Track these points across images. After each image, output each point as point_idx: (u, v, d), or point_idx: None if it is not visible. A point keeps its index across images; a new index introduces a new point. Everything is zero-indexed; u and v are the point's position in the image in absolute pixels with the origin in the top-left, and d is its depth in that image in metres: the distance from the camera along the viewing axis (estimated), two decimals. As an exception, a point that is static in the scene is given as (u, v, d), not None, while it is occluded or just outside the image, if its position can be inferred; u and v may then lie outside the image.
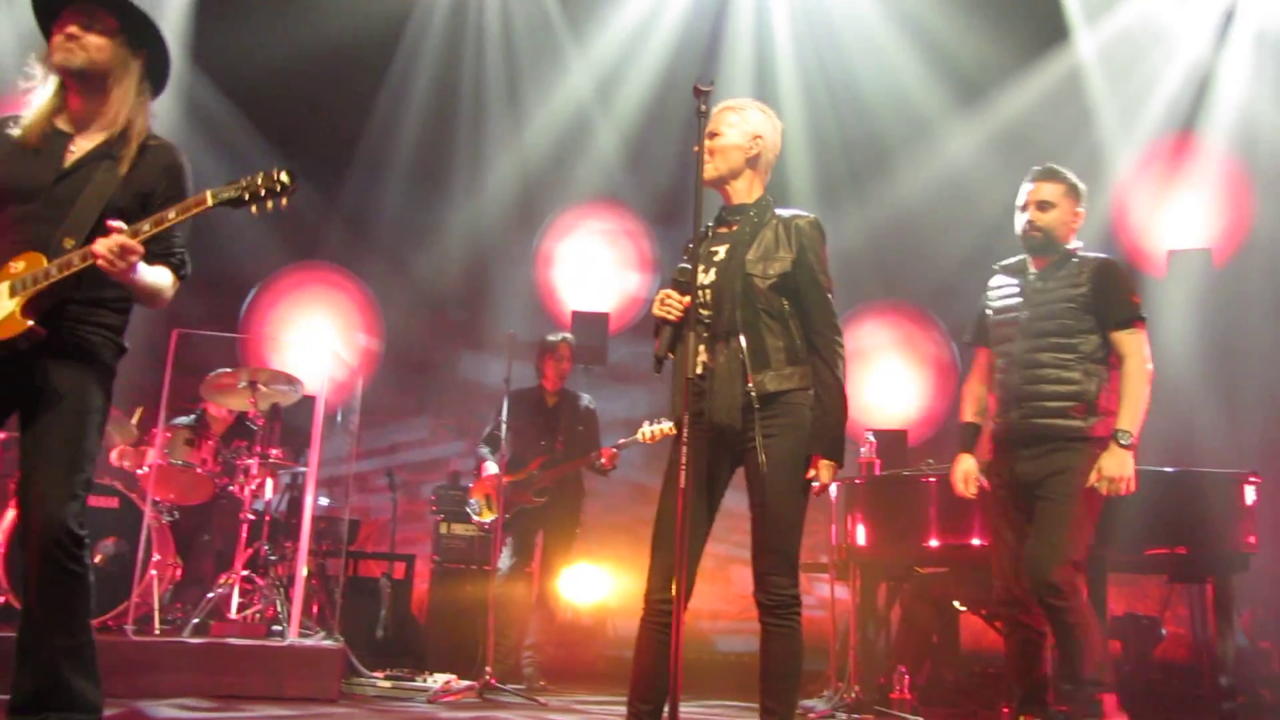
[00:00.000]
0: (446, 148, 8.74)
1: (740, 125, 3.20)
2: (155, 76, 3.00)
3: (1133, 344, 3.75)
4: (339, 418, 7.07)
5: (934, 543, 4.83)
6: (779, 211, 3.18)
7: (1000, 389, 3.92)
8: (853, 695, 5.00)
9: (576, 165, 8.97)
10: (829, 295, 3.14)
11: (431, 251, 9.07)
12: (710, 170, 3.17)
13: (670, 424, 5.62)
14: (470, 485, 6.25)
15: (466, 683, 5.31)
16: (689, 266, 3.01)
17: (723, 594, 8.76)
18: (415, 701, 4.92)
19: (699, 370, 3.01)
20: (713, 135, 3.18)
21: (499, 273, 9.25)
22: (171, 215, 2.73)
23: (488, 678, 5.20)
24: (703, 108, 2.98)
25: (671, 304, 3.02)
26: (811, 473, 3.02)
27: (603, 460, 5.74)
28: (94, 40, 2.84)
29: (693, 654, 7.82)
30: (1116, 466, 3.62)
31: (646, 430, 5.53)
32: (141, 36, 2.92)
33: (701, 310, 3.06)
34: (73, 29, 2.83)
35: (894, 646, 5.78)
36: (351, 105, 8.29)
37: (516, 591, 5.82)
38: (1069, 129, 7.98)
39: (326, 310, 8.96)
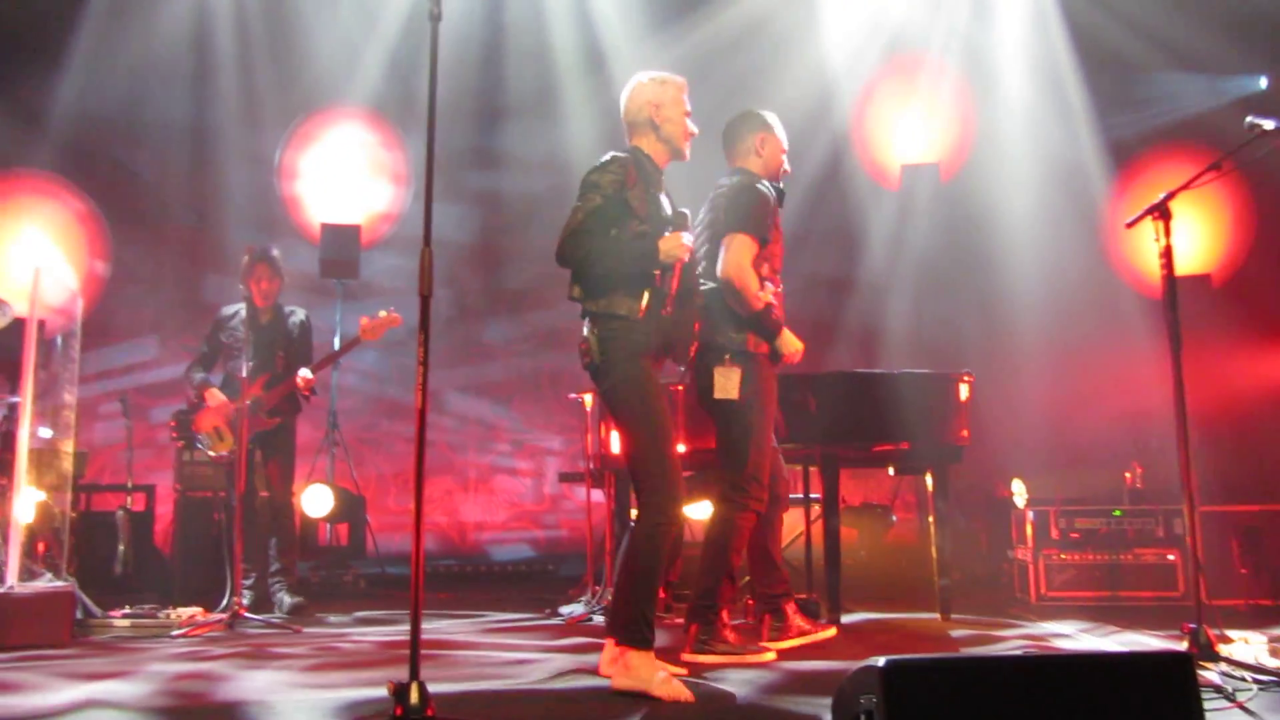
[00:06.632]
0: (189, 44, 8.01)
1: None
2: None
3: None
4: (59, 342, 6.47)
5: (682, 448, 4.99)
6: None
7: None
8: (609, 598, 5.14)
9: (325, 67, 8.49)
10: None
11: (163, 157, 8.41)
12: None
13: (391, 310, 5.50)
14: (195, 417, 5.82)
15: (215, 615, 5.09)
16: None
17: (487, 504, 8.82)
18: (158, 639, 4.67)
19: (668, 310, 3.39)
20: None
21: (240, 182, 8.66)
22: None
23: (236, 608, 5.02)
24: (433, 10, 2.94)
25: None
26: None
27: (299, 385, 5.54)
28: None
29: (470, 566, 7.90)
30: None
31: (368, 321, 5.48)
32: None
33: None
34: None
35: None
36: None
37: (256, 517, 5.64)
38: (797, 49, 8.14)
39: (40, 223, 8.14)
